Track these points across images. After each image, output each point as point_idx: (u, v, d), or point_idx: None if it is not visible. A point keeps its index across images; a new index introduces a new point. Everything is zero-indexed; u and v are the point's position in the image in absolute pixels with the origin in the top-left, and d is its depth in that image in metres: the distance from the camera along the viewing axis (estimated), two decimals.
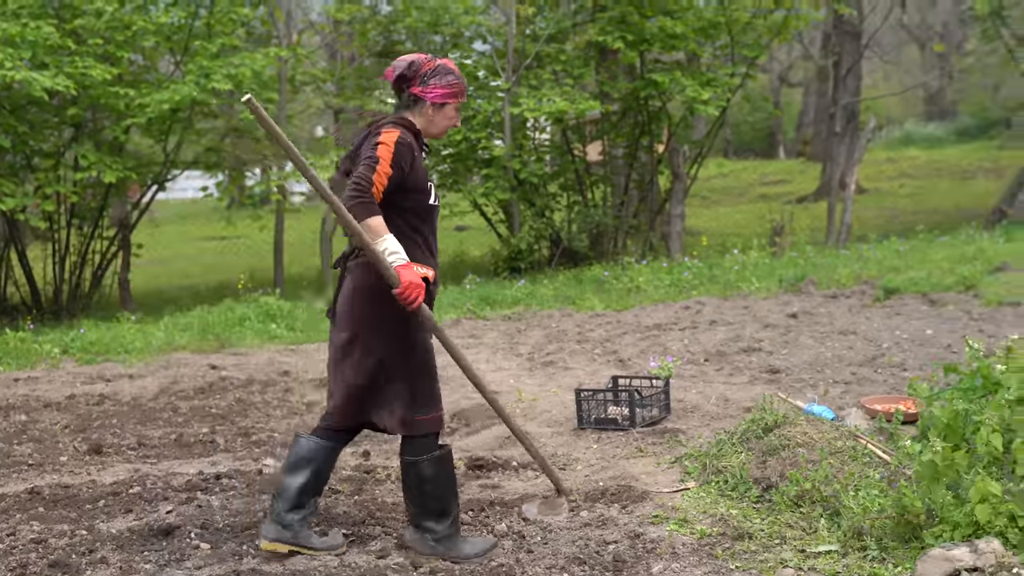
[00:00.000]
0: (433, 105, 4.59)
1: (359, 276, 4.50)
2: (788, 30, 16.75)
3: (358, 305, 4.50)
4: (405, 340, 4.51)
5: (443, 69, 4.61)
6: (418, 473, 4.59)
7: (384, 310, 4.44)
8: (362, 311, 4.49)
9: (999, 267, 12.57)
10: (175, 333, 11.24)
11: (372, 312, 4.48)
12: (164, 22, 14.02)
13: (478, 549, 4.65)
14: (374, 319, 4.48)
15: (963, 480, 4.48)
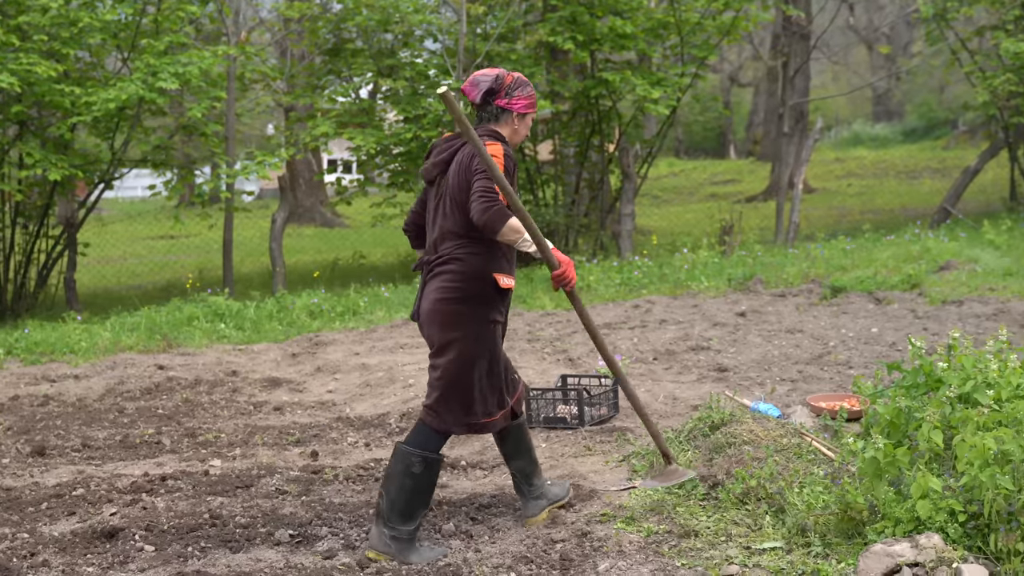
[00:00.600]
0: (518, 115, 4.88)
1: (444, 279, 4.74)
2: (737, 31, 16.86)
3: (443, 307, 4.73)
4: (481, 343, 4.74)
5: (523, 81, 4.92)
6: (408, 465, 4.68)
7: (466, 313, 4.71)
8: (448, 313, 4.72)
9: (943, 266, 12.74)
10: (122, 333, 11.12)
11: (456, 315, 4.71)
12: (111, 19, 13.84)
13: (426, 558, 4.66)
14: (458, 321, 4.71)
15: (905, 476, 4.54)
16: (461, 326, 4.72)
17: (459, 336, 4.72)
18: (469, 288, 4.72)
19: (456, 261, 4.73)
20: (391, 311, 12.02)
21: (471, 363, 4.74)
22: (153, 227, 25.04)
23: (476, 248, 4.72)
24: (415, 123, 15.82)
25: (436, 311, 4.75)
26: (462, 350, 4.73)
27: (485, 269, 4.73)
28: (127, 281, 18.49)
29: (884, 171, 32.06)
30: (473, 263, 4.73)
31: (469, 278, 4.72)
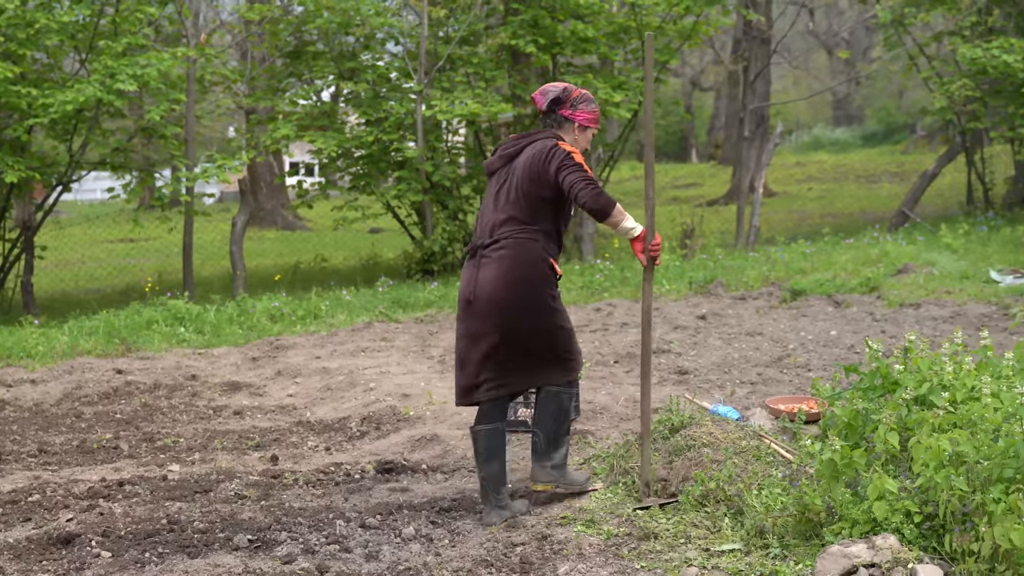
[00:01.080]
0: (579, 127, 5.35)
1: (506, 266, 5.16)
2: (698, 35, 16.95)
3: (511, 294, 5.14)
4: (553, 314, 5.23)
5: (588, 97, 5.38)
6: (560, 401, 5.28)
7: (535, 294, 5.17)
8: (507, 293, 5.13)
9: (901, 269, 12.86)
10: (80, 337, 11.01)
11: (526, 298, 5.15)
12: (68, 20, 13.71)
13: (581, 480, 5.44)
14: (530, 304, 5.16)
15: (862, 478, 4.58)
16: (533, 307, 5.16)
17: (530, 317, 5.15)
18: (531, 272, 5.16)
19: (516, 246, 5.16)
20: (353, 315, 11.98)
21: (553, 333, 5.20)
22: (112, 230, 24.81)
23: (534, 235, 5.18)
24: (377, 126, 15.79)
25: (504, 299, 5.14)
26: (540, 327, 5.18)
27: (542, 253, 5.18)
28: (85, 285, 18.32)
29: (844, 175, 32.34)
30: (531, 248, 5.17)
31: (529, 263, 5.16)
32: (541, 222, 5.23)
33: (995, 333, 9.00)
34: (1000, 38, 16.95)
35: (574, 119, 5.34)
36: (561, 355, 5.27)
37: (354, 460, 6.40)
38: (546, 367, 5.27)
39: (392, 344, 10.14)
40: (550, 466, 5.32)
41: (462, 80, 16.28)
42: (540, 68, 16.76)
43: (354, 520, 5.18)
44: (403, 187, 15.52)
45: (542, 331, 5.20)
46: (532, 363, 5.24)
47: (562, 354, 5.27)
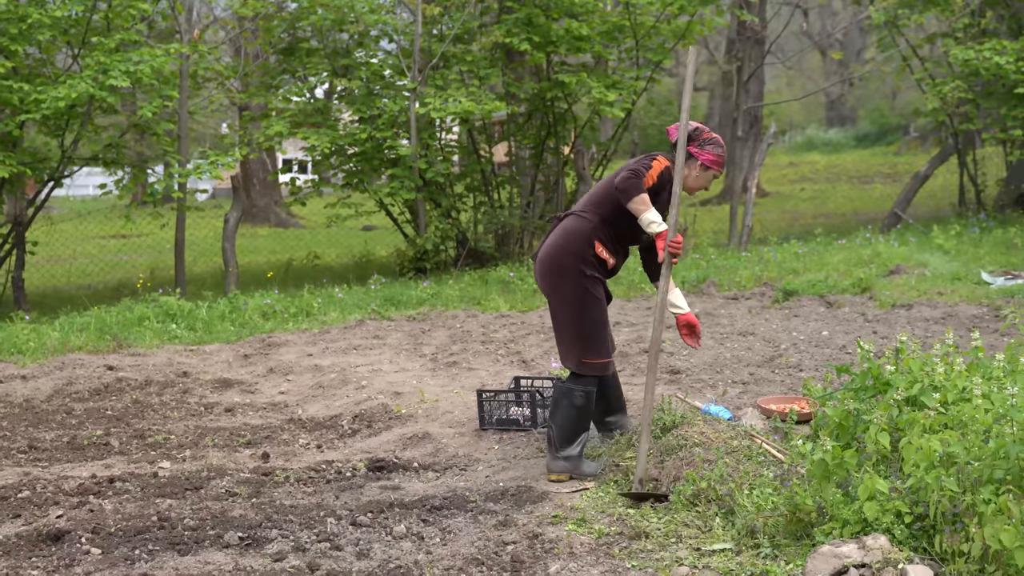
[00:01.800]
0: (701, 165, 5.70)
1: (557, 234, 5.72)
2: (692, 35, 16.95)
3: (549, 260, 5.70)
4: (582, 292, 5.63)
5: (718, 141, 5.74)
6: (571, 398, 5.65)
7: (568, 266, 5.63)
8: (553, 265, 5.68)
9: (893, 270, 12.88)
10: (71, 333, 10.98)
11: (559, 266, 5.65)
12: (61, 15, 13.67)
13: (593, 469, 5.69)
14: (560, 272, 5.64)
15: (852, 478, 4.59)
16: (563, 276, 5.61)
17: (561, 284, 5.61)
18: (572, 245, 5.62)
19: (573, 218, 5.70)
20: (345, 312, 11.96)
21: (576, 308, 5.61)
22: (104, 226, 24.77)
23: (591, 216, 5.63)
24: (370, 123, 15.77)
25: (543, 261, 5.71)
26: (566, 296, 5.61)
27: (591, 234, 5.59)
28: (77, 281, 18.28)
29: (836, 176, 32.41)
30: (582, 225, 5.63)
31: (576, 237, 5.62)
32: (602, 209, 5.64)
33: (986, 334, 9.03)
34: (992, 40, 16.99)
35: (698, 157, 5.69)
36: (578, 336, 5.62)
37: (345, 458, 6.39)
38: (563, 344, 5.70)
39: (384, 342, 10.13)
40: (563, 457, 5.65)
41: (456, 78, 16.26)
42: (534, 66, 16.76)
43: (345, 518, 5.18)
44: (396, 185, 15.50)
45: (561, 302, 5.64)
46: (558, 335, 5.73)
47: (580, 336, 5.62)
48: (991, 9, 18.23)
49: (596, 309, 5.64)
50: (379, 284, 13.94)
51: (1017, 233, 15.15)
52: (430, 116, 15.23)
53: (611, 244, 5.69)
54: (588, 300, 5.61)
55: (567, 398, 5.65)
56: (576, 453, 5.66)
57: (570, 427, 5.64)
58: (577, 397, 5.64)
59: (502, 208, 16.93)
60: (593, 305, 5.63)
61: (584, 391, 5.64)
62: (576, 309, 5.62)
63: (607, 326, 5.74)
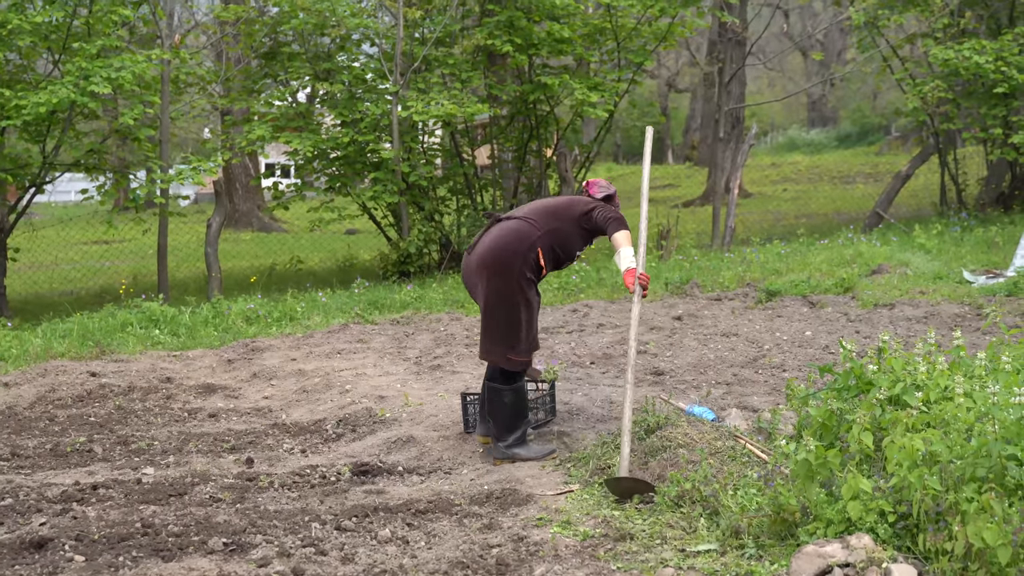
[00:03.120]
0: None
1: (498, 233, 6.09)
2: (673, 37, 16.99)
3: (489, 257, 6.05)
4: (514, 292, 6.02)
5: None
6: (500, 396, 6.08)
7: (500, 267, 6.00)
8: (492, 263, 6.03)
9: (876, 269, 12.93)
10: (53, 340, 10.93)
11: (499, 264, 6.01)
12: (41, 21, 13.61)
13: (537, 451, 6.11)
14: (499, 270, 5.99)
15: (836, 478, 4.60)
16: (502, 274, 5.95)
17: (499, 282, 5.96)
18: (519, 247, 5.97)
19: (520, 222, 6.04)
20: (328, 316, 11.94)
21: (511, 307, 5.97)
22: (87, 232, 24.68)
23: (540, 225, 6.02)
24: (352, 127, 15.76)
25: (485, 257, 6.01)
26: (503, 294, 5.97)
27: (536, 241, 5.97)
28: (59, 287, 18.20)
29: (819, 176, 32.50)
30: (530, 231, 6.00)
31: (524, 240, 5.98)
32: (552, 223, 6.09)
33: (968, 333, 9.07)
34: (972, 40, 17.08)
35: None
36: (509, 333, 6.02)
37: (330, 462, 6.38)
38: (490, 339, 6.09)
39: (368, 346, 10.11)
40: (503, 447, 6.11)
41: (438, 81, 16.26)
42: (516, 69, 16.77)
43: (330, 523, 5.17)
44: (379, 188, 15.49)
45: (494, 299, 6.01)
46: (487, 330, 6.11)
47: (510, 334, 6.02)
48: (970, 9, 18.32)
49: (528, 310, 6.03)
50: (362, 288, 13.92)
51: (998, 232, 15.23)
52: (412, 119, 15.23)
53: (549, 254, 6.08)
54: (523, 300, 5.99)
55: (498, 397, 6.11)
56: (515, 440, 6.12)
57: (506, 421, 6.10)
58: (507, 395, 6.10)
59: (485, 211, 16.94)
60: (526, 305, 6.01)
61: (511, 388, 6.10)
62: (510, 307, 5.99)
63: (535, 326, 6.13)
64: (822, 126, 47.35)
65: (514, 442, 6.11)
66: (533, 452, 6.12)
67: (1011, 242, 14.02)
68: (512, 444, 6.10)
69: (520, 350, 6.06)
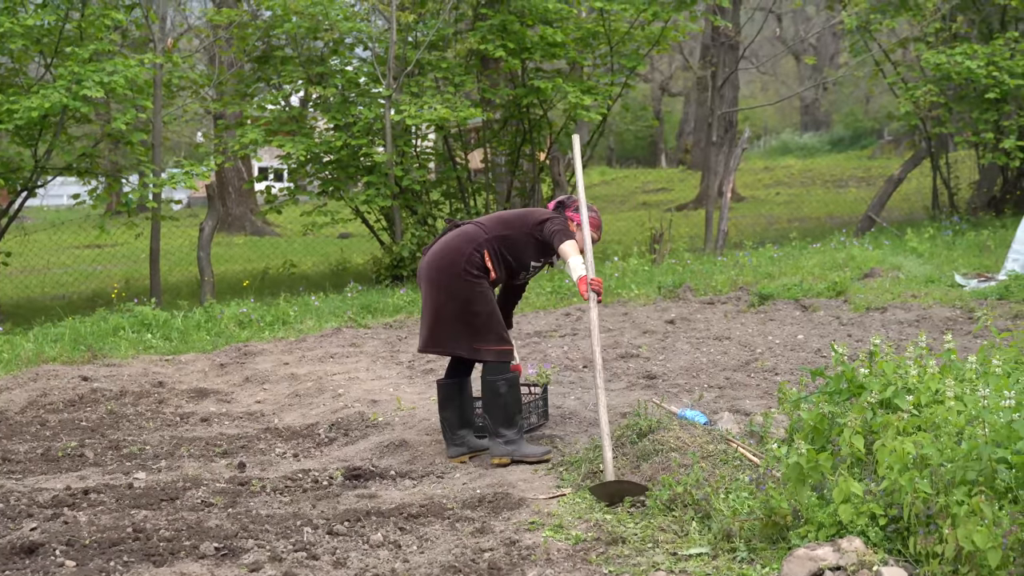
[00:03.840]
0: (578, 225, 6.24)
1: (453, 235, 6.26)
2: (666, 41, 17.02)
3: (438, 260, 6.22)
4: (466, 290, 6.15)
5: (590, 207, 6.31)
6: (495, 388, 6.10)
7: (445, 264, 6.17)
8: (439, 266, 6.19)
9: (868, 273, 12.95)
10: (45, 344, 10.92)
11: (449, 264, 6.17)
12: (33, 24, 13.60)
13: (536, 451, 6.13)
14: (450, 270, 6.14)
15: (827, 481, 4.61)
16: (447, 273, 6.11)
17: (445, 280, 6.11)
18: (464, 247, 6.12)
19: (472, 227, 6.24)
20: (321, 320, 11.94)
21: (463, 302, 6.10)
22: (79, 236, 24.63)
23: (491, 230, 6.19)
24: (345, 131, 15.76)
25: (431, 258, 6.21)
26: (452, 292, 6.10)
27: (483, 244, 6.12)
28: (51, 291, 18.17)
29: (811, 180, 32.55)
30: (478, 234, 6.16)
31: (470, 242, 6.14)
32: (504, 231, 6.24)
33: (959, 337, 9.09)
34: (964, 44, 17.12)
35: (573, 219, 6.28)
36: (467, 326, 6.14)
37: (322, 467, 6.37)
38: (445, 334, 6.20)
39: (361, 350, 10.11)
40: (503, 442, 6.12)
41: (431, 85, 16.27)
42: (509, 73, 16.78)
43: (322, 527, 5.16)
44: (372, 192, 15.49)
45: (451, 298, 6.13)
46: (438, 327, 6.21)
47: (469, 326, 6.14)
48: (962, 14, 18.37)
49: (484, 302, 6.13)
50: (356, 292, 13.92)
51: (990, 236, 15.26)
52: (405, 123, 15.24)
53: (497, 259, 6.20)
54: (473, 294, 6.10)
55: (491, 389, 6.13)
56: (514, 436, 6.13)
57: (502, 413, 6.12)
58: (500, 385, 6.11)
59: (478, 215, 16.95)
60: (480, 299, 6.11)
61: (503, 379, 6.12)
62: (463, 302, 6.10)
63: (495, 318, 6.17)
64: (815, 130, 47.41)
65: (516, 436, 6.13)
66: (532, 451, 6.14)
67: (1002, 246, 14.05)
68: (514, 439, 6.12)
69: (488, 340, 6.12)
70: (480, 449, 6.40)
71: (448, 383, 6.40)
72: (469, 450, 6.37)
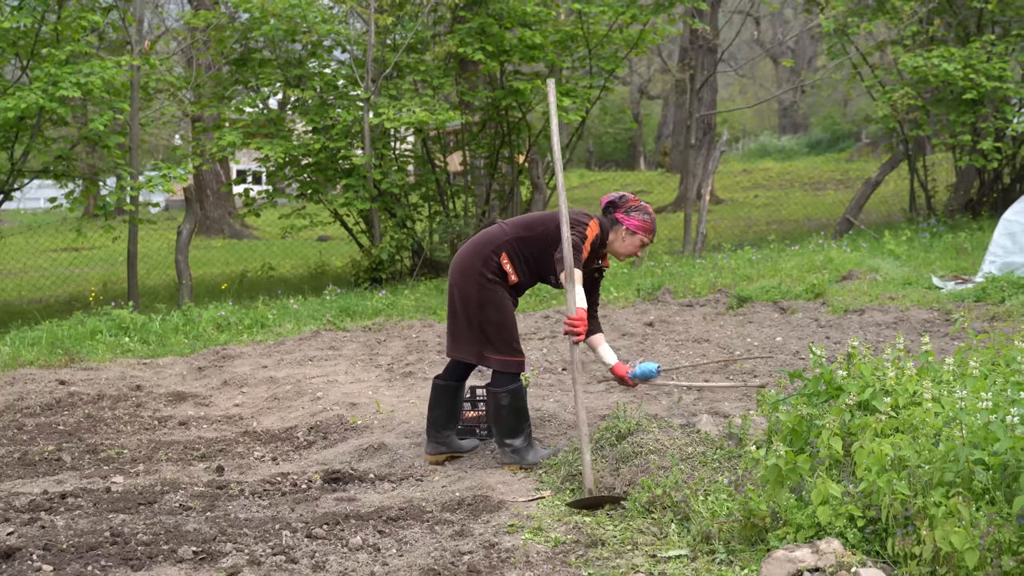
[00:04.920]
0: (627, 230, 6.09)
1: (475, 240, 6.13)
2: (644, 43, 17.06)
3: (461, 261, 6.11)
4: (491, 295, 6.01)
5: (645, 209, 6.15)
6: (498, 400, 6.02)
7: (463, 267, 6.07)
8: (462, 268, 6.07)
9: (846, 275, 13.00)
10: (22, 348, 10.85)
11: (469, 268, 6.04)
12: (9, 27, 13.52)
13: (543, 454, 6.10)
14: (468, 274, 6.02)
15: (806, 483, 4.62)
16: (465, 275, 6.00)
17: (463, 283, 6.00)
18: (482, 249, 6.00)
19: (495, 226, 6.12)
20: (300, 323, 11.91)
21: (476, 307, 5.96)
22: (55, 239, 24.50)
23: (511, 232, 6.01)
24: (324, 133, 15.73)
25: (455, 258, 6.12)
26: (468, 295, 5.98)
27: (502, 246, 5.97)
28: (28, 295, 18.07)
29: (789, 182, 32.68)
30: (497, 235, 6.02)
31: (487, 243, 6.02)
32: (524, 233, 6.03)
33: (936, 338, 9.14)
34: (941, 47, 17.22)
35: (624, 223, 6.08)
36: (481, 332, 5.99)
37: (301, 470, 6.36)
38: (461, 339, 6.08)
39: (340, 353, 10.09)
40: (510, 451, 6.08)
41: (409, 88, 16.26)
42: (488, 75, 16.79)
43: (300, 530, 5.14)
44: (351, 195, 15.47)
45: (465, 301, 5.99)
46: (455, 330, 6.11)
47: (481, 332, 5.99)
48: (939, 17, 18.48)
49: (498, 310, 5.95)
50: (334, 295, 13.89)
51: (967, 238, 15.35)
52: (384, 126, 15.22)
53: (520, 263, 6.02)
54: (487, 300, 5.94)
55: (494, 400, 6.05)
56: (520, 444, 6.07)
57: (506, 424, 6.04)
58: (503, 397, 6.00)
59: (457, 217, 16.94)
60: (493, 306, 5.94)
61: (506, 391, 5.99)
62: (477, 307, 5.96)
63: (507, 327, 5.97)
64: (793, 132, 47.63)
65: (521, 445, 6.07)
66: (540, 455, 6.10)
67: (979, 248, 14.13)
68: (519, 449, 6.06)
69: (498, 349, 5.96)
70: (460, 451, 6.38)
71: (444, 385, 6.28)
72: (449, 451, 6.33)
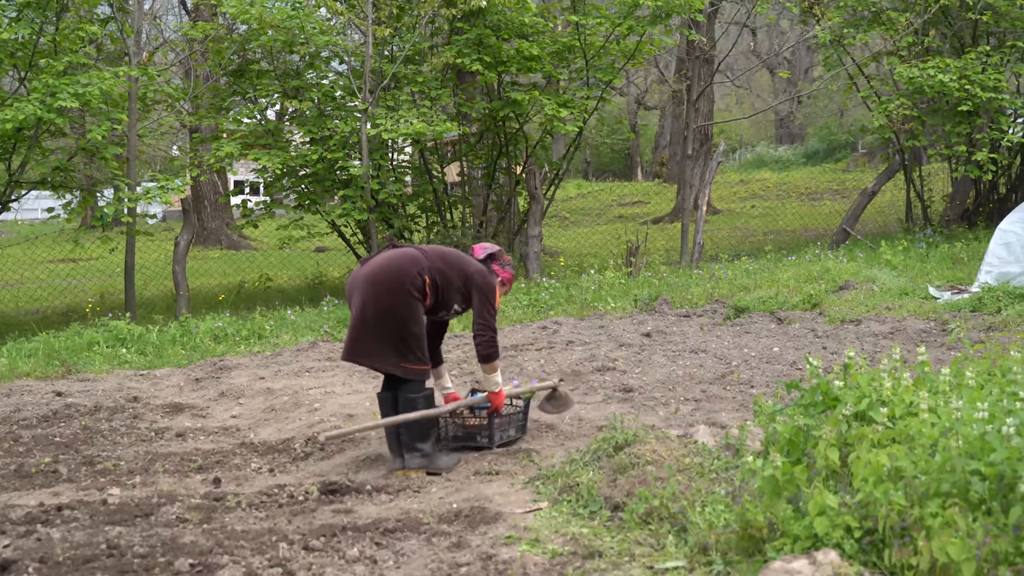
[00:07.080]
0: (500, 282, 6.67)
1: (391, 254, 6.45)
2: (641, 55, 17.10)
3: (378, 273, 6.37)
4: (402, 307, 6.34)
5: (510, 262, 6.82)
6: (413, 407, 6.37)
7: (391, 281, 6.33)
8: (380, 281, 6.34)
9: (843, 286, 13.01)
10: (19, 359, 10.84)
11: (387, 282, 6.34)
12: (7, 38, 13.54)
13: (449, 462, 6.42)
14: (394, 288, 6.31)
15: (803, 494, 4.62)
16: (390, 289, 6.26)
17: (384, 296, 6.26)
18: (408, 268, 6.30)
19: (416, 250, 6.44)
20: (297, 334, 11.90)
21: (402, 320, 6.28)
22: (53, 250, 24.49)
23: (433, 262, 6.39)
24: (321, 144, 15.74)
25: (376, 271, 6.32)
26: (390, 307, 6.26)
27: (425, 271, 6.33)
28: (25, 306, 18.05)
29: (786, 193, 32.72)
30: (421, 260, 6.35)
31: (414, 264, 6.32)
32: (443, 266, 6.44)
33: (933, 349, 9.14)
34: (936, 58, 17.27)
35: (499, 275, 6.67)
36: (399, 342, 6.34)
37: (298, 482, 6.35)
38: (376, 350, 6.38)
39: (337, 364, 10.08)
40: (420, 455, 6.38)
41: (407, 99, 16.29)
42: (485, 86, 16.81)
43: (297, 543, 5.14)
44: (348, 206, 15.48)
45: (386, 313, 6.29)
46: (368, 343, 6.40)
47: (399, 343, 6.33)
48: (934, 28, 18.54)
49: (416, 324, 6.33)
50: (332, 306, 13.88)
51: (963, 248, 15.37)
52: (381, 137, 15.23)
53: (433, 287, 6.40)
54: (410, 315, 6.29)
55: (410, 406, 6.39)
56: (429, 449, 6.39)
57: (418, 428, 6.37)
58: (419, 403, 6.40)
59: (455, 228, 16.95)
60: (414, 320, 6.31)
61: (422, 396, 6.42)
62: (401, 320, 6.27)
63: (423, 340, 6.39)
64: (790, 143, 47.69)
65: (431, 450, 6.39)
66: (445, 463, 6.40)
67: (975, 258, 14.15)
68: (429, 453, 6.38)
69: (413, 359, 6.35)
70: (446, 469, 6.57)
71: (388, 396, 6.57)
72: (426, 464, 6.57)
